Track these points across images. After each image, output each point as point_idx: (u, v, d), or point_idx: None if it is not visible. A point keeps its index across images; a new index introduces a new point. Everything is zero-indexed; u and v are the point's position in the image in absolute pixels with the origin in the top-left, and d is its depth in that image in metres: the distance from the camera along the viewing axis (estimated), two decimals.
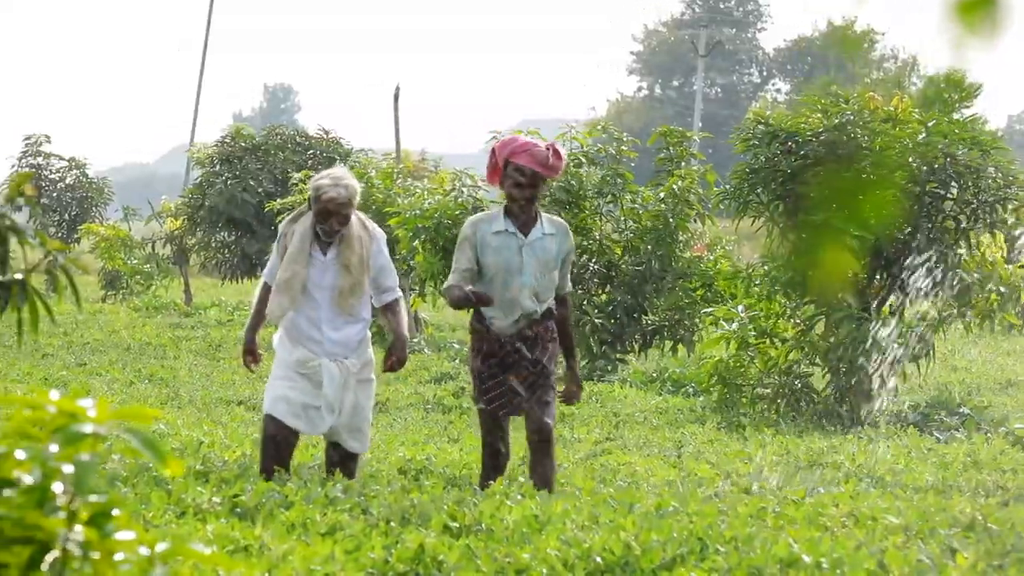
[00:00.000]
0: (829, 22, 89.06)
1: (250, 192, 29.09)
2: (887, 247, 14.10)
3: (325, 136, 30.66)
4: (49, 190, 36.61)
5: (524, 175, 8.18)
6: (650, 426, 13.02)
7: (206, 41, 59.00)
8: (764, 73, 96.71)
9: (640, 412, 13.94)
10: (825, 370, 14.33)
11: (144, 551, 3.47)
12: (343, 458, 8.43)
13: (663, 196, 17.36)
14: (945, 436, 13.15)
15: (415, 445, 10.44)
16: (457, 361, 18.32)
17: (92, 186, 37.00)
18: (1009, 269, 14.39)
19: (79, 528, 3.44)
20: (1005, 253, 14.38)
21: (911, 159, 13.82)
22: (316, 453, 9.31)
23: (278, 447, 8.28)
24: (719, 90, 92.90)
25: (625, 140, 17.93)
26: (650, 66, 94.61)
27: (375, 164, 23.42)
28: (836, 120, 14.04)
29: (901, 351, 14.04)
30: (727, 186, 14.71)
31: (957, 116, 14.35)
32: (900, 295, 14.28)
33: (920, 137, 13.95)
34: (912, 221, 13.99)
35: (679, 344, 17.51)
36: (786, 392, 14.32)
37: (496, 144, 8.36)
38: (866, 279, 14.30)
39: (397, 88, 29.24)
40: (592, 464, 10.14)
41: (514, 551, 5.93)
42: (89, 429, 3.41)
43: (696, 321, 17.26)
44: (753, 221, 14.62)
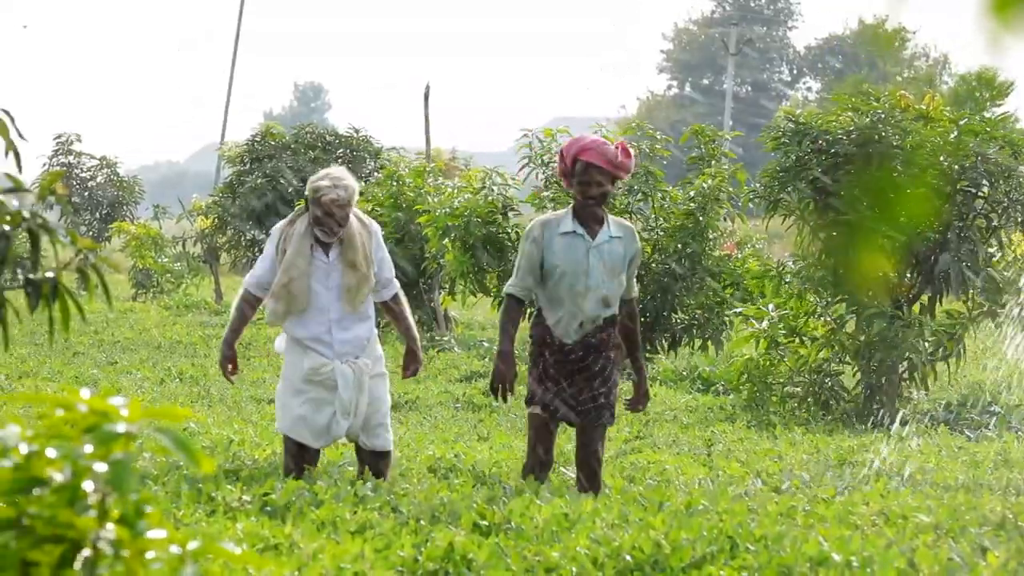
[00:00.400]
0: (861, 20, 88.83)
1: (280, 190, 29.06)
2: (918, 245, 14.06)
3: (355, 135, 30.41)
4: (80, 189, 36.78)
5: (591, 173, 7.92)
6: (680, 424, 13.00)
7: (236, 41, 59.14)
8: (794, 72, 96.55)
9: (670, 410, 13.92)
10: (855, 369, 14.30)
11: (175, 549, 3.48)
12: (373, 457, 8.41)
13: (693, 194, 17.32)
14: (976, 434, 13.09)
15: (445, 443, 10.44)
16: (487, 360, 18.31)
17: (123, 185, 37.17)
18: None
19: (110, 526, 3.45)
20: None
21: (942, 158, 13.77)
22: (346, 451, 9.32)
23: (301, 468, 8.24)
24: (749, 88, 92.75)
25: (659, 138, 17.88)
26: (680, 64, 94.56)
27: (406, 162, 23.40)
28: (867, 119, 13.99)
29: (932, 349, 14.00)
30: (757, 185, 14.69)
31: (988, 114, 14.30)
32: (931, 293, 14.24)
33: (951, 136, 13.90)
34: (943, 220, 13.94)
35: (708, 342, 17.48)
36: (816, 391, 14.30)
37: (563, 145, 8.14)
38: (897, 278, 14.25)
39: (427, 87, 29.24)
40: (622, 462, 10.13)
41: (544, 550, 5.93)
42: (122, 428, 3.42)
43: (725, 320, 17.23)
44: (783, 220, 14.59)
